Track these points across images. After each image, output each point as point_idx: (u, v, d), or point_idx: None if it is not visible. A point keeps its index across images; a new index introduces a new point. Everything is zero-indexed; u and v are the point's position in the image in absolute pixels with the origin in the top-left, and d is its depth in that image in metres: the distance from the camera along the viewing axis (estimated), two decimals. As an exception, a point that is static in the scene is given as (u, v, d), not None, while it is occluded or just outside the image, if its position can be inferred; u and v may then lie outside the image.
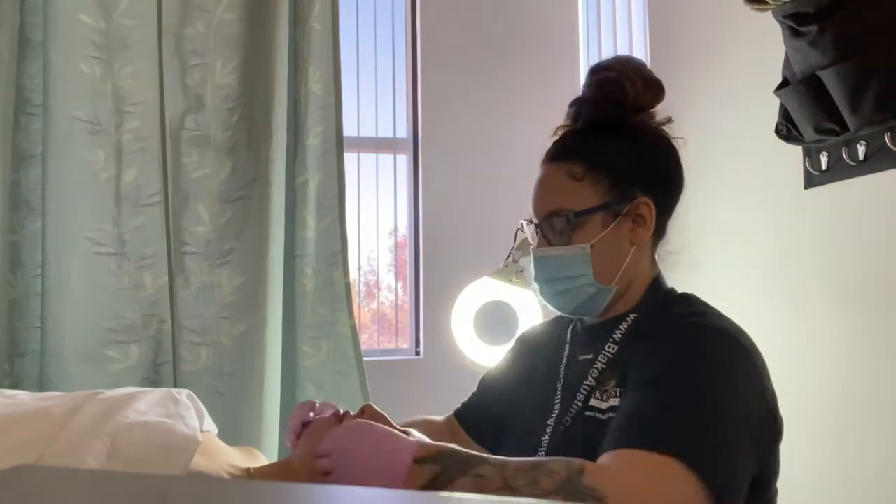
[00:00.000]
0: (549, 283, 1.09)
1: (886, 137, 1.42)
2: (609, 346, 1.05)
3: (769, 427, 0.98)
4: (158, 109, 1.78)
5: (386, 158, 2.26)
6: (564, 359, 1.13)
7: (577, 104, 1.12)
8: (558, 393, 1.09)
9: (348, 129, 2.03)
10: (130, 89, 1.77)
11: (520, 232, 1.71)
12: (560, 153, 1.10)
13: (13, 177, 1.72)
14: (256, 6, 1.87)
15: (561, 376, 1.11)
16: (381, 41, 2.27)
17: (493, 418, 1.20)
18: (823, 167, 1.59)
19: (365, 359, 1.89)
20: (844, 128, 1.48)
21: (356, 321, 1.91)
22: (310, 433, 1.07)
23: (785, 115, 1.62)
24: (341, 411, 1.09)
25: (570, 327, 1.17)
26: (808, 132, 1.56)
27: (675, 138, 1.12)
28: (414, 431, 1.02)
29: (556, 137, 1.13)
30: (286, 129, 1.89)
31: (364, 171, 2.24)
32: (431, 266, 2.17)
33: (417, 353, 2.19)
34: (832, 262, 1.61)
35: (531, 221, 1.11)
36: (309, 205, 1.89)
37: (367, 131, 2.24)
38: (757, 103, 1.76)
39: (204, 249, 1.81)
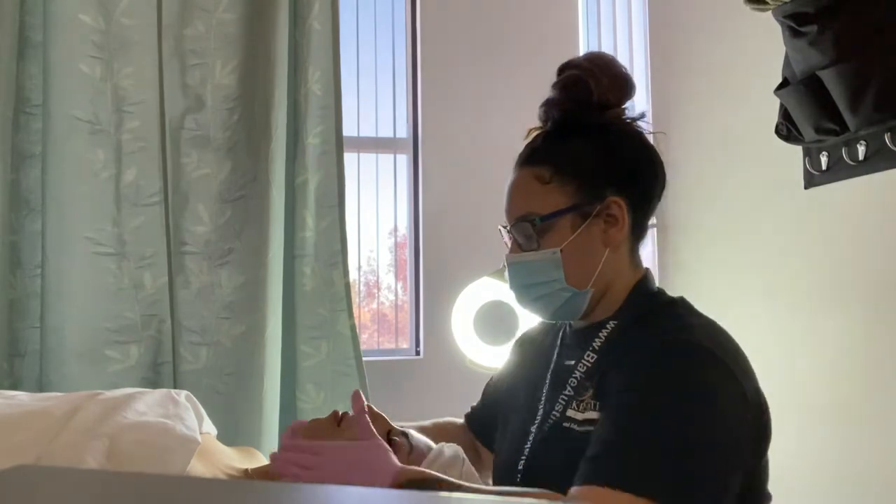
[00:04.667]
0: (524, 289, 1.08)
1: (886, 137, 1.42)
2: (588, 355, 1.03)
3: (753, 448, 0.95)
4: (158, 109, 1.78)
5: (386, 158, 2.26)
6: (552, 363, 1.11)
7: (546, 105, 1.09)
8: (542, 399, 1.08)
9: (348, 129, 2.03)
10: (130, 89, 1.77)
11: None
12: (529, 157, 1.08)
13: (13, 177, 1.72)
14: (256, 6, 1.87)
15: (547, 381, 1.09)
16: (381, 41, 2.27)
17: (498, 421, 1.20)
18: (823, 167, 1.59)
19: (365, 359, 1.89)
20: (844, 128, 1.48)
21: (356, 321, 1.91)
22: (308, 432, 1.07)
23: (785, 115, 1.62)
24: (339, 412, 1.08)
25: (561, 331, 1.15)
26: (808, 132, 1.56)
27: (651, 133, 1.09)
28: (415, 434, 1.02)
29: (528, 140, 1.11)
30: (286, 129, 1.89)
31: (364, 171, 2.23)
32: (431, 266, 2.17)
33: (417, 353, 2.19)
34: (832, 261, 1.61)
35: (505, 227, 1.10)
36: (309, 205, 1.89)
37: (367, 131, 2.24)
38: (757, 103, 1.76)
39: (204, 249, 1.81)
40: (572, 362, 1.06)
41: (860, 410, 1.53)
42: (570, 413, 1.00)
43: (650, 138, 1.10)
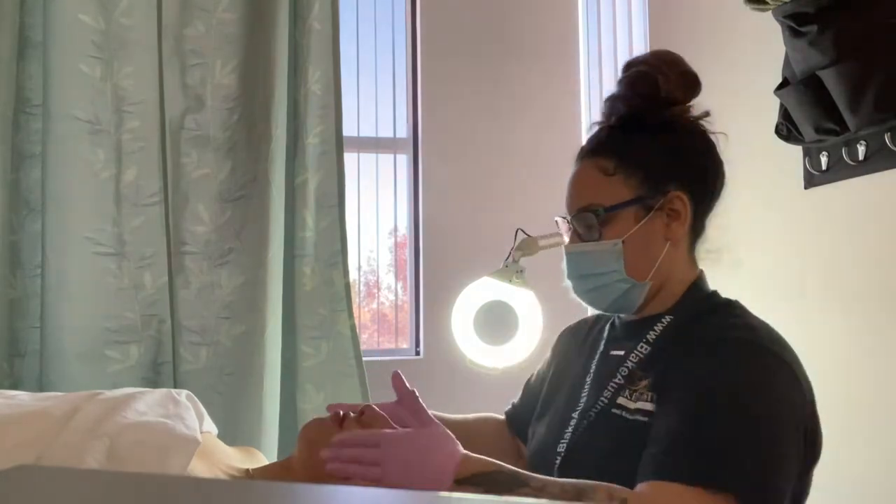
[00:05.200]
0: (582, 279, 1.08)
1: (886, 137, 1.42)
2: (641, 346, 1.03)
3: (809, 454, 0.97)
4: (158, 109, 1.78)
5: (386, 158, 2.26)
6: (598, 354, 1.12)
7: (611, 100, 1.11)
8: (586, 387, 1.08)
9: (348, 129, 2.03)
10: (130, 89, 1.77)
11: (520, 232, 1.71)
12: (593, 149, 1.09)
13: (13, 177, 1.72)
14: (256, 6, 1.87)
15: (592, 371, 1.10)
16: (381, 41, 2.27)
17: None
18: (823, 167, 1.59)
19: (365, 359, 1.89)
20: (844, 128, 1.48)
21: (356, 321, 1.91)
22: (310, 431, 1.07)
23: (785, 115, 1.62)
24: (340, 413, 1.07)
25: (609, 323, 1.16)
26: (808, 132, 1.56)
27: (714, 133, 1.10)
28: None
29: (590, 134, 1.12)
30: (286, 129, 1.89)
31: (364, 171, 2.24)
32: (431, 266, 2.17)
33: (417, 353, 2.19)
34: (832, 262, 1.61)
35: (565, 218, 1.11)
36: (309, 204, 1.89)
37: (367, 131, 2.24)
38: (757, 103, 1.76)
39: (204, 249, 1.81)
40: (621, 353, 1.06)
41: (858, 411, 1.53)
42: (620, 401, 1.00)
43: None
